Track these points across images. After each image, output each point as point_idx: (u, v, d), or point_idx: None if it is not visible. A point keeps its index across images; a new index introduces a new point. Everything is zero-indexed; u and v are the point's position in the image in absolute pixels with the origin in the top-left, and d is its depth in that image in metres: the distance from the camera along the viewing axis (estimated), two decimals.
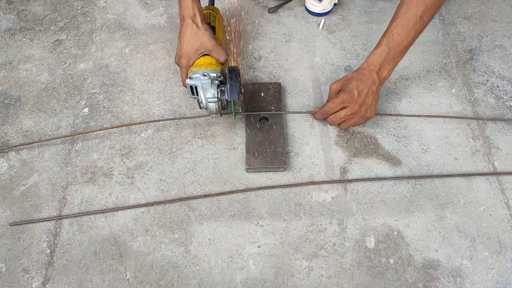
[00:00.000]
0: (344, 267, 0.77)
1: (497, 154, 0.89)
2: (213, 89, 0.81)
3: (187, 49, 0.83)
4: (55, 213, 0.83)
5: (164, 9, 1.14)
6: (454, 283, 0.75)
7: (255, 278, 0.76)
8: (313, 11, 1.10)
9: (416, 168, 0.88)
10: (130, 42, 1.07)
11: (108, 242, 0.80)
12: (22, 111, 0.96)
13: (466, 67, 1.02)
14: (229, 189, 0.85)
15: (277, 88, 0.96)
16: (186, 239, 0.80)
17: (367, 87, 0.82)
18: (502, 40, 1.06)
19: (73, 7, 1.14)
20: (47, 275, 0.77)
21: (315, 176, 0.87)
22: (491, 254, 0.78)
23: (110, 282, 0.76)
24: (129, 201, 0.84)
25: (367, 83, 0.82)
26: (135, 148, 0.91)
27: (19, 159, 0.89)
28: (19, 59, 1.05)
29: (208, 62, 0.83)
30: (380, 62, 0.83)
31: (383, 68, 0.83)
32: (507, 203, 0.83)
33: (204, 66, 0.83)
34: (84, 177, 0.87)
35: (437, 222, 0.81)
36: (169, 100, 0.97)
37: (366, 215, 0.82)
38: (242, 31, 1.07)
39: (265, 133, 0.90)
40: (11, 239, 0.81)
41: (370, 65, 0.83)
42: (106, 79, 1.01)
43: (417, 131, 0.92)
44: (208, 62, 0.84)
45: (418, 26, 0.81)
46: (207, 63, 0.83)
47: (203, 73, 0.81)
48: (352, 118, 0.85)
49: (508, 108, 0.95)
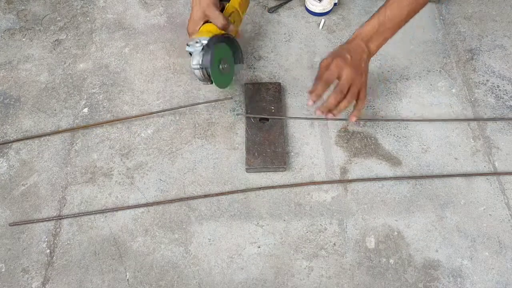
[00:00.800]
0: (344, 267, 0.77)
1: (498, 154, 0.89)
2: (199, 56, 0.80)
3: (193, 17, 0.85)
4: (55, 213, 0.83)
5: (164, 9, 1.13)
6: (455, 283, 0.75)
7: (255, 278, 0.76)
8: (313, 11, 1.10)
9: (416, 168, 0.88)
10: (130, 42, 1.07)
11: (108, 242, 0.80)
12: (21, 111, 0.96)
13: (466, 67, 1.02)
14: (229, 189, 0.85)
15: (277, 88, 0.96)
16: (186, 239, 0.80)
17: (358, 54, 0.81)
18: (503, 40, 1.06)
19: (72, 7, 1.14)
20: (47, 275, 0.77)
21: (315, 176, 0.87)
22: (492, 254, 0.78)
23: (110, 282, 0.76)
24: (129, 201, 0.84)
25: (357, 51, 0.81)
26: (135, 148, 0.91)
27: (18, 159, 0.89)
28: (18, 59, 1.04)
29: (208, 30, 0.83)
30: (370, 34, 0.81)
31: (372, 41, 0.82)
32: (508, 203, 0.83)
33: (205, 33, 0.82)
34: (84, 177, 0.87)
35: (437, 222, 0.81)
36: (169, 100, 0.97)
37: (366, 215, 0.82)
38: None
39: (265, 133, 0.89)
40: (10, 239, 0.80)
41: (359, 36, 0.82)
42: (106, 79, 1.01)
43: (417, 131, 0.92)
44: (209, 29, 0.83)
45: (413, 5, 0.80)
46: (207, 30, 0.83)
47: (196, 40, 0.81)
48: (353, 85, 0.80)
49: (508, 108, 0.95)
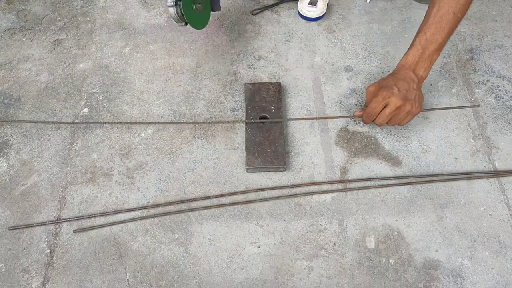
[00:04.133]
0: (344, 267, 0.77)
1: (498, 154, 0.89)
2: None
3: None
4: (55, 213, 0.83)
5: (164, 9, 1.13)
6: (455, 283, 0.75)
7: (255, 278, 0.76)
8: (310, 17, 1.08)
9: (416, 168, 0.88)
10: (130, 42, 1.07)
11: (108, 242, 0.80)
12: (21, 111, 0.96)
13: (467, 67, 1.02)
14: (229, 189, 0.85)
15: (277, 88, 0.96)
16: (186, 239, 0.80)
17: (406, 84, 0.80)
18: (503, 40, 1.06)
19: (72, 7, 1.14)
20: (47, 275, 0.77)
21: (315, 176, 0.87)
22: (492, 254, 0.78)
23: (110, 282, 0.76)
24: (129, 201, 0.84)
25: (405, 80, 0.80)
26: (135, 148, 0.91)
27: (18, 159, 0.89)
28: (18, 59, 1.04)
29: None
30: (415, 61, 0.81)
31: (418, 67, 0.81)
32: (508, 203, 0.83)
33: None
34: (84, 177, 0.87)
35: (437, 222, 0.81)
36: (169, 100, 0.97)
37: (366, 215, 0.82)
38: None
39: (265, 133, 0.89)
40: (10, 239, 0.80)
41: (405, 65, 0.81)
42: (106, 79, 1.01)
43: (417, 131, 0.92)
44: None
45: (452, 23, 0.79)
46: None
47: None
48: (397, 115, 0.81)
49: (509, 108, 0.95)
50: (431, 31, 0.80)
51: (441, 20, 0.79)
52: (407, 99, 0.79)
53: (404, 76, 0.81)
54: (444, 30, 0.79)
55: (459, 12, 0.79)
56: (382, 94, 0.80)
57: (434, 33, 0.79)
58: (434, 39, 0.80)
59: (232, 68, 1.02)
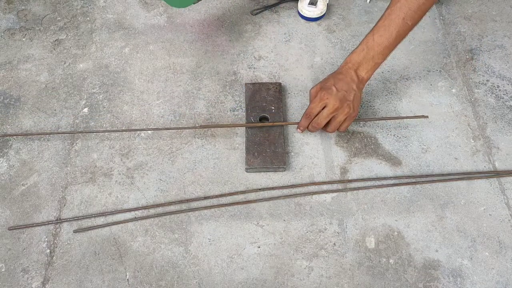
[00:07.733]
0: (344, 267, 0.77)
1: (498, 154, 0.89)
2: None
3: None
4: (55, 213, 0.83)
5: (164, 8, 1.13)
6: (455, 283, 0.75)
7: (255, 278, 0.76)
8: (311, 17, 1.08)
9: (416, 168, 0.88)
10: (130, 42, 1.07)
11: (108, 242, 0.80)
12: (21, 111, 0.96)
13: (466, 67, 1.02)
14: (229, 189, 0.85)
15: (277, 88, 0.96)
16: (186, 239, 0.80)
17: (346, 84, 0.81)
18: (503, 40, 1.06)
19: (72, 7, 1.14)
20: (47, 275, 0.77)
21: (315, 176, 0.87)
22: (492, 254, 0.78)
23: (110, 282, 0.76)
24: (129, 201, 0.84)
25: (345, 80, 0.81)
26: (135, 148, 0.91)
27: (18, 159, 0.89)
28: (18, 59, 1.04)
29: None
30: (359, 60, 0.81)
31: (361, 67, 0.82)
32: (508, 203, 0.83)
33: None
34: (84, 177, 0.87)
35: (437, 222, 0.81)
36: (169, 100, 0.97)
37: (366, 215, 0.82)
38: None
39: (265, 133, 0.89)
40: (10, 239, 0.80)
41: (348, 63, 0.82)
42: (106, 79, 1.01)
43: (417, 131, 0.92)
44: None
45: (400, 29, 0.79)
46: None
47: None
48: (336, 117, 0.82)
49: (509, 108, 0.95)
50: (379, 33, 0.80)
51: (390, 24, 0.79)
52: (345, 100, 0.81)
53: (344, 76, 0.82)
54: (392, 35, 0.80)
55: (410, 19, 0.79)
56: (320, 95, 0.81)
57: (381, 35, 0.80)
58: (380, 41, 0.80)
59: (232, 68, 1.02)
